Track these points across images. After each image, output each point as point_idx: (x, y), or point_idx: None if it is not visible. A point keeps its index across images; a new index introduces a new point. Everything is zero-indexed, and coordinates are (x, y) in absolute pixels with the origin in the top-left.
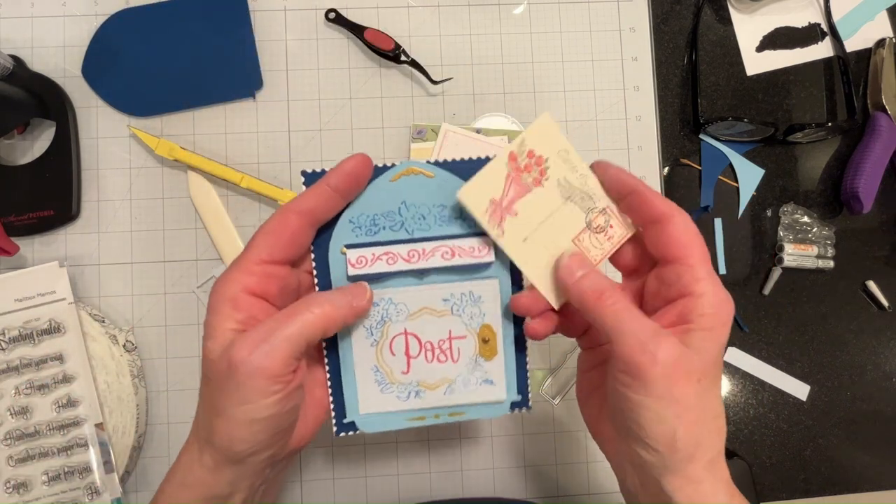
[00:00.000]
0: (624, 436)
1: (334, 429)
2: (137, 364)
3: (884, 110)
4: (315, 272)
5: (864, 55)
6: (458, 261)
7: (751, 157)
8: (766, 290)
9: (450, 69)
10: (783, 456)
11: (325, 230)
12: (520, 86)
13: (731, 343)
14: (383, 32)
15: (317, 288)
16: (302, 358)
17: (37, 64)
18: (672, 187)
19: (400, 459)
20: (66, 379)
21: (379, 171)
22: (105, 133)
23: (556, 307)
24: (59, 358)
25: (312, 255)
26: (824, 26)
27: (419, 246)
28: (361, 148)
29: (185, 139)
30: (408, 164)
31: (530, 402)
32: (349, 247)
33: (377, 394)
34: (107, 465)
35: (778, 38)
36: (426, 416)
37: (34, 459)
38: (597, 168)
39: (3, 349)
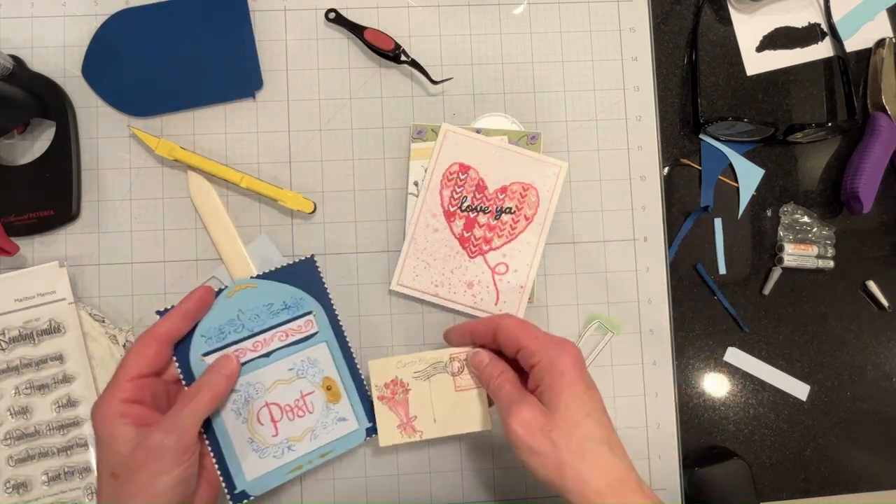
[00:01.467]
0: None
1: (229, 501)
2: None
3: (884, 110)
4: (182, 377)
5: (864, 55)
6: (292, 338)
7: (751, 157)
8: (766, 290)
9: (450, 69)
10: (783, 456)
11: (183, 343)
12: (520, 86)
13: (731, 343)
14: (383, 32)
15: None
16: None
17: (37, 64)
18: (672, 187)
19: (400, 459)
20: (66, 379)
21: (216, 293)
22: (105, 133)
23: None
24: (59, 358)
25: (177, 365)
26: (824, 26)
27: (260, 337)
28: (361, 148)
29: (185, 139)
30: (236, 283)
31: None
32: (205, 354)
33: (257, 460)
34: None
35: (778, 38)
36: (302, 465)
37: (34, 459)
38: (447, 337)
39: (3, 349)
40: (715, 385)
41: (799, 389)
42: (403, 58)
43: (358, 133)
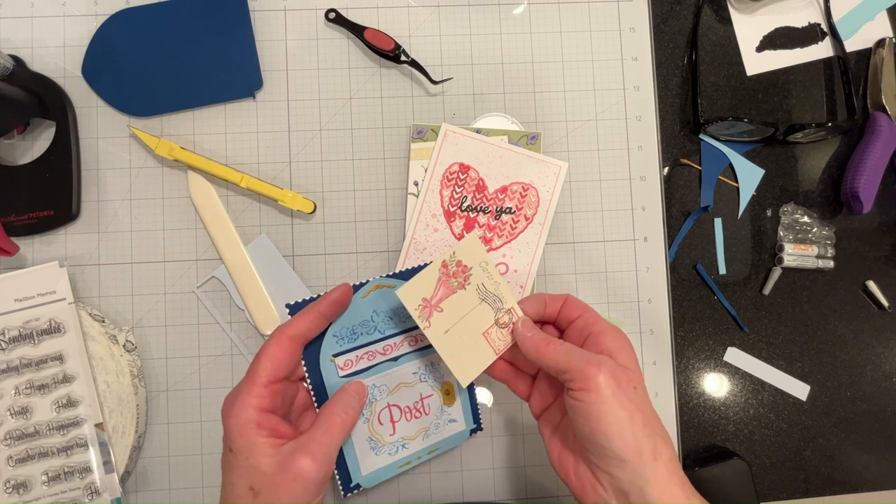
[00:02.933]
0: (599, 457)
1: (341, 492)
2: (137, 364)
3: (884, 110)
4: (308, 378)
5: (864, 55)
6: (421, 343)
7: (751, 157)
8: (766, 290)
9: (450, 69)
10: (783, 456)
11: (311, 345)
12: (520, 86)
13: (731, 343)
14: (383, 32)
15: (311, 390)
16: None
17: (37, 64)
18: (672, 187)
19: None
20: (66, 379)
21: (354, 289)
22: (105, 133)
23: (463, 385)
24: (59, 358)
25: (304, 365)
26: (824, 26)
27: (391, 340)
28: (361, 148)
29: (185, 139)
30: (375, 282)
31: (483, 425)
32: (336, 355)
33: (372, 457)
34: (106, 465)
35: (778, 38)
36: (411, 461)
37: (34, 459)
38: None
39: (3, 349)
40: (715, 385)
41: (799, 389)
42: (403, 58)
43: (358, 133)
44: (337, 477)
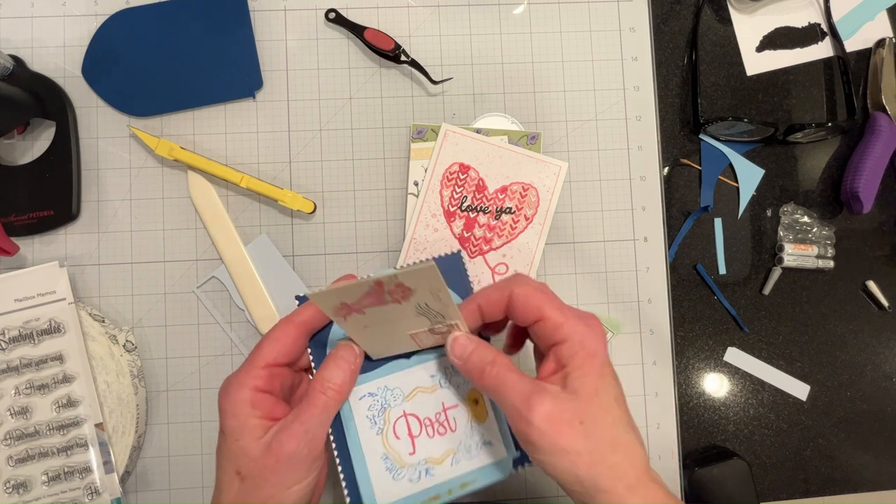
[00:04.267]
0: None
1: None
2: (137, 364)
3: (884, 110)
4: (314, 368)
5: (864, 55)
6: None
7: (751, 157)
8: (766, 290)
9: (450, 69)
10: (783, 456)
11: (318, 334)
12: (520, 86)
13: (731, 343)
14: (383, 32)
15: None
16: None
17: (37, 64)
18: (672, 187)
19: None
20: (66, 379)
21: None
22: (105, 133)
23: (373, 357)
24: (59, 358)
25: (310, 354)
26: (824, 26)
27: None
28: (361, 148)
29: (185, 139)
30: (381, 273)
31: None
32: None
33: (390, 482)
34: (106, 465)
35: (778, 38)
36: (440, 495)
37: (34, 459)
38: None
39: (3, 349)
40: (715, 385)
41: (799, 389)
42: (403, 58)
43: (358, 133)
44: (347, 497)
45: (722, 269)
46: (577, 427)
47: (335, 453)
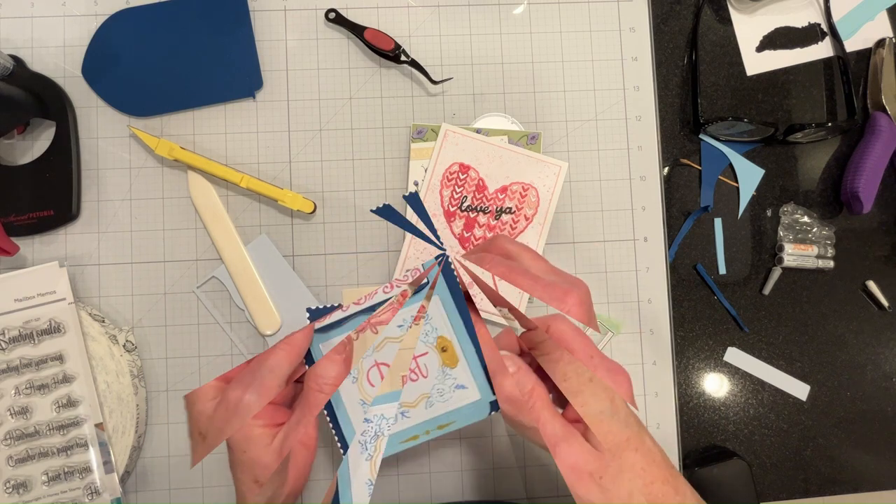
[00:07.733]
0: None
1: (341, 451)
2: (137, 364)
3: (884, 110)
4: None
5: (864, 55)
6: (398, 289)
7: (751, 157)
8: (766, 290)
9: (450, 69)
10: (783, 456)
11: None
12: (520, 86)
13: (731, 343)
14: (383, 32)
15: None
16: None
17: (37, 64)
18: (672, 187)
19: (400, 459)
20: (66, 379)
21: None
22: (105, 133)
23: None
24: (59, 358)
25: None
26: (824, 26)
27: (365, 291)
28: (361, 148)
29: (185, 139)
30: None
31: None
32: (319, 331)
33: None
34: (106, 465)
35: (778, 38)
36: (418, 435)
37: (34, 459)
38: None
39: (3, 349)
40: (715, 385)
41: (799, 389)
42: (403, 58)
43: (358, 133)
44: (339, 445)
45: (722, 269)
46: (596, 481)
47: (325, 412)
